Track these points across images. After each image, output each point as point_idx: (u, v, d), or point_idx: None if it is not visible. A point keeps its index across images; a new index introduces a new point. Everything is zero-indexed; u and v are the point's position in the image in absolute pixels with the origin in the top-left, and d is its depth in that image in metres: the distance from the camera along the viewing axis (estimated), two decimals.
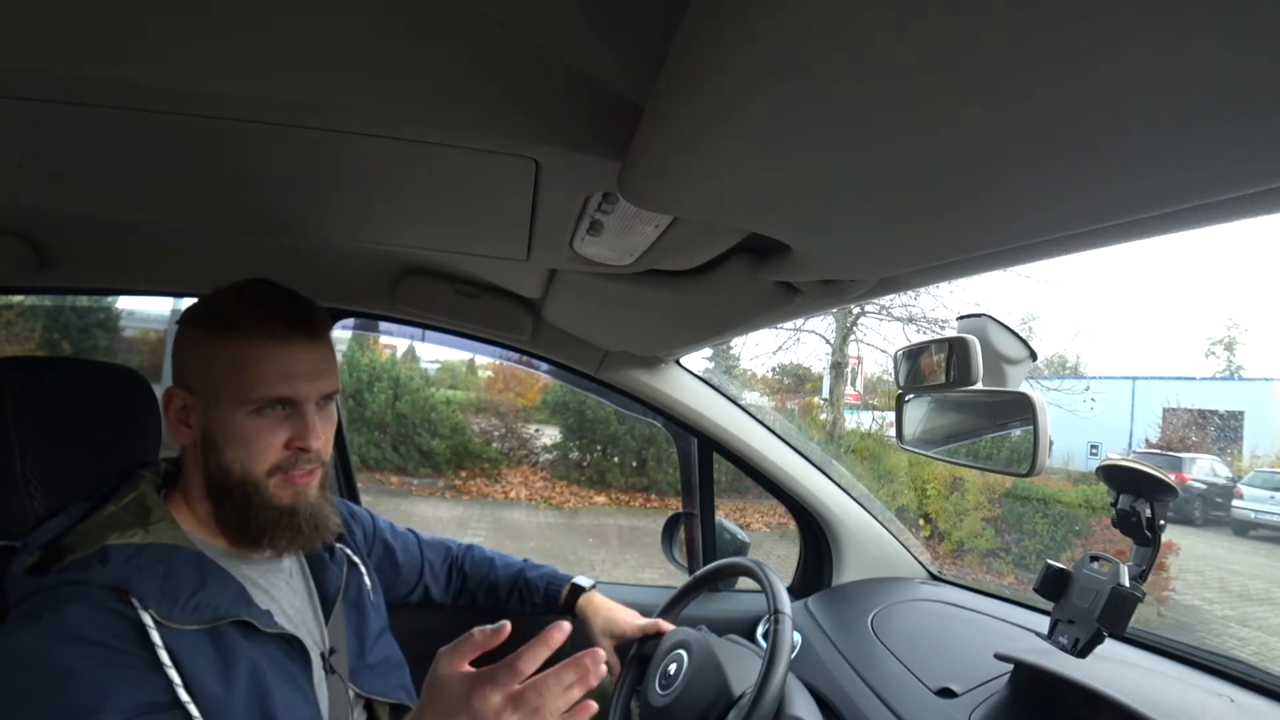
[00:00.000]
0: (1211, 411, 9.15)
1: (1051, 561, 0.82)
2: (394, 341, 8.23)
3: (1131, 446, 9.28)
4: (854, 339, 7.70)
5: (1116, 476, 0.76)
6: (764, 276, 0.63)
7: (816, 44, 0.24)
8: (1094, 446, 8.25)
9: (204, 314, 0.69)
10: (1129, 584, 0.72)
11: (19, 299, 5.51)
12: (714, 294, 0.70)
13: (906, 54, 0.23)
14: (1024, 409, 0.75)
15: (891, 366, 0.95)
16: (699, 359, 5.80)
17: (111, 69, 0.39)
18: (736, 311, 0.77)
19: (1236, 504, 6.99)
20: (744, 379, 8.56)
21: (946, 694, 0.89)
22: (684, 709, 0.87)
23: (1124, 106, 0.25)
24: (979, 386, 0.76)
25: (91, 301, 6.21)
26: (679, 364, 1.29)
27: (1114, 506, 0.77)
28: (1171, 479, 0.73)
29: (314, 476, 0.72)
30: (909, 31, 0.22)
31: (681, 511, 1.49)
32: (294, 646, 0.69)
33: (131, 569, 0.61)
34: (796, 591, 1.40)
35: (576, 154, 0.45)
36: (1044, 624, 0.81)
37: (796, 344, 7.97)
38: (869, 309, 7.39)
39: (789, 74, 0.26)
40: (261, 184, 0.62)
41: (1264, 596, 5.32)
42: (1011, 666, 0.87)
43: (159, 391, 0.81)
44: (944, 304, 7.23)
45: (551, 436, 7.65)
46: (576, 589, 1.10)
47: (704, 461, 1.41)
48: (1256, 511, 6.77)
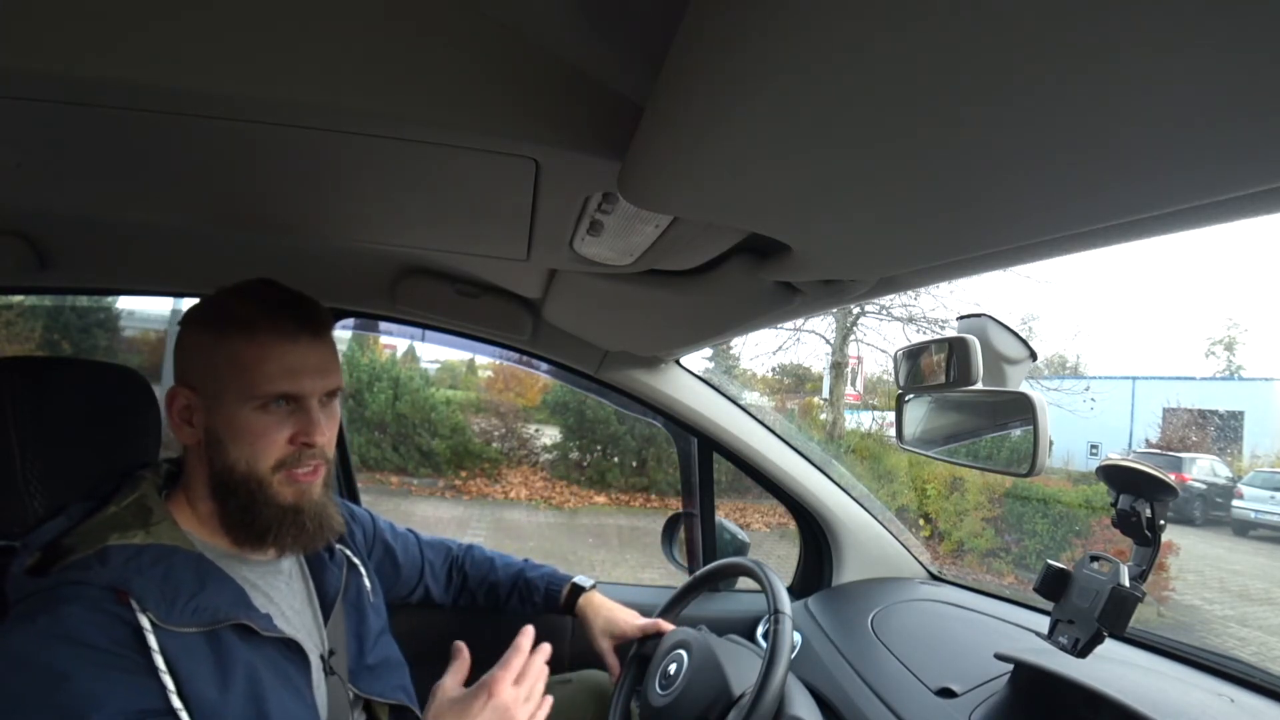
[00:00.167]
0: (1211, 411, 9.15)
1: (1051, 561, 0.82)
2: (394, 341, 8.23)
3: (1131, 446, 9.29)
4: (854, 339, 7.70)
5: (1116, 476, 0.76)
6: (764, 276, 0.63)
7: (816, 44, 0.24)
8: (1094, 446, 8.25)
9: (208, 313, 0.70)
10: (1129, 584, 0.72)
11: (19, 299, 5.50)
12: (714, 294, 0.70)
13: (906, 54, 0.23)
14: (1024, 409, 0.75)
15: (891, 366, 0.95)
16: (699, 359, 5.80)
17: (111, 69, 0.39)
18: (736, 311, 0.77)
19: (1236, 504, 6.99)
20: (744, 379, 8.56)
21: (946, 694, 0.89)
22: (684, 709, 0.87)
23: (1124, 106, 0.25)
24: (979, 386, 0.76)
25: (91, 301, 6.21)
26: (679, 364, 1.29)
27: (1114, 506, 0.77)
28: (1171, 479, 0.73)
29: (318, 474, 0.72)
30: (908, 31, 0.22)
31: (681, 511, 1.49)
32: (293, 650, 0.69)
33: (131, 570, 0.61)
34: (796, 591, 1.40)
35: (576, 154, 0.45)
36: (1044, 624, 0.81)
37: (796, 344, 7.98)
38: (869, 309, 7.39)
39: (789, 74, 0.26)
40: (262, 184, 0.62)
41: (1264, 596, 5.32)
42: (1011, 666, 0.87)
43: (159, 391, 0.81)
44: (944, 304, 7.25)
45: (551, 436, 7.65)
46: (576, 589, 1.10)
47: (704, 461, 1.41)
48: (1256, 511, 6.77)
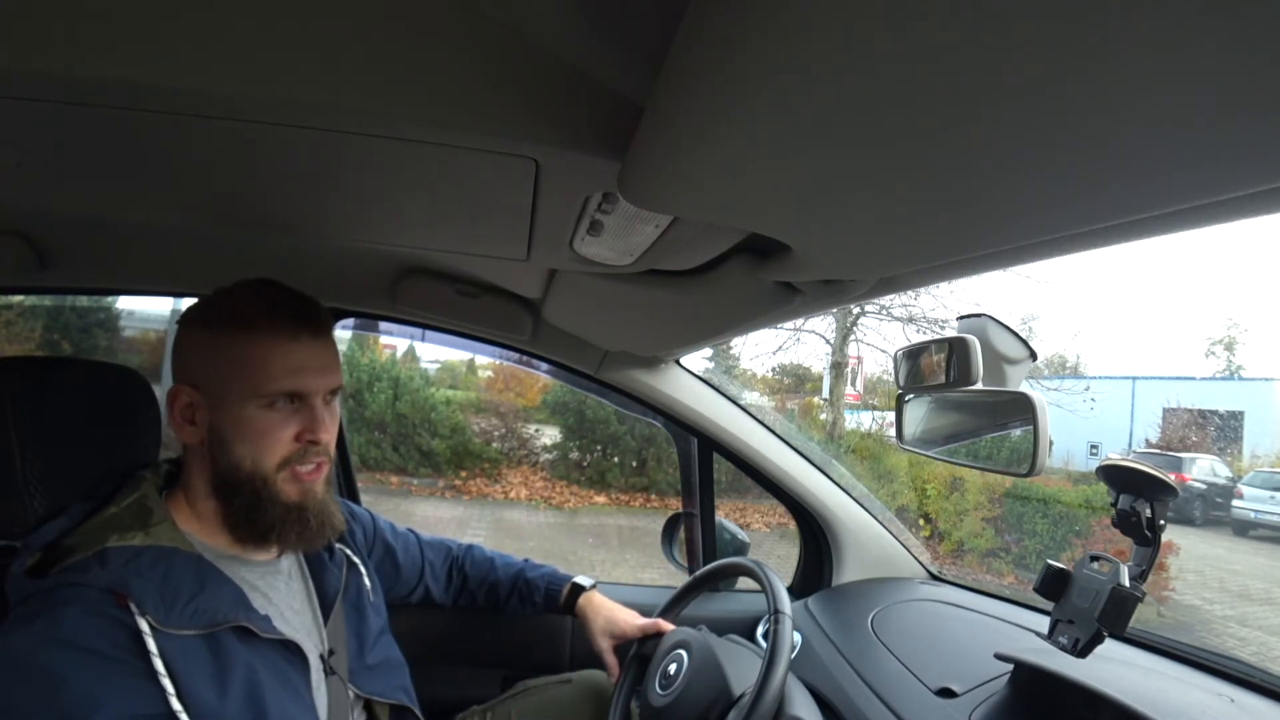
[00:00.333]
0: (1211, 411, 9.15)
1: (1051, 561, 0.82)
2: (394, 341, 8.23)
3: (1131, 446, 9.28)
4: (854, 339, 7.70)
5: (1116, 476, 0.76)
6: (764, 276, 0.63)
7: (816, 44, 0.24)
8: (1094, 446, 8.25)
9: (210, 312, 0.70)
10: (1129, 584, 0.72)
11: (19, 299, 5.50)
12: (714, 294, 0.70)
13: (906, 54, 0.23)
14: (1024, 409, 0.75)
15: (891, 366, 0.95)
16: (699, 359, 5.80)
17: (111, 69, 0.39)
18: (736, 311, 0.77)
19: (1236, 504, 6.98)
20: (744, 379, 8.55)
21: (946, 694, 0.89)
22: (684, 709, 0.87)
23: (1124, 106, 0.25)
24: (979, 386, 0.76)
25: (91, 301, 6.21)
26: (679, 364, 1.29)
27: (1114, 506, 0.77)
28: (1171, 479, 0.73)
29: (321, 472, 0.73)
30: (908, 32, 0.22)
31: (681, 511, 1.49)
32: (292, 652, 0.69)
33: (130, 572, 0.60)
34: (796, 591, 1.40)
35: (576, 154, 0.45)
36: (1044, 624, 0.81)
37: (796, 344, 7.98)
38: (869, 309, 7.38)
39: (789, 74, 0.26)
40: (262, 184, 0.62)
41: (1264, 596, 5.32)
42: (1011, 666, 0.87)
43: (159, 391, 0.81)
44: (944, 304, 7.24)
45: (551, 436, 7.64)
46: (577, 589, 1.10)
47: (704, 461, 1.41)
48: (1256, 511, 6.77)
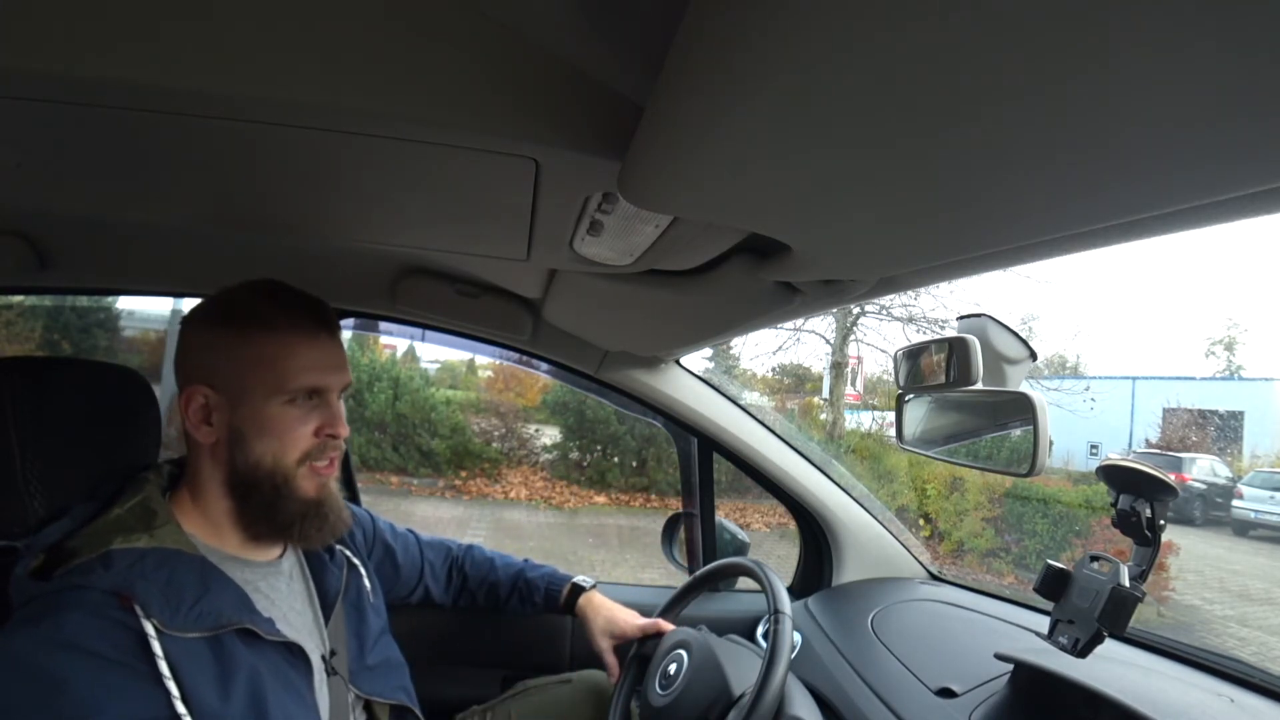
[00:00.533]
0: (1211, 411, 9.15)
1: (1051, 561, 0.81)
2: (394, 341, 8.22)
3: (1131, 446, 9.28)
4: (854, 339, 7.70)
5: (1116, 476, 0.76)
6: (764, 276, 0.63)
7: (816, 44, 0.24)
8: (1094, 446, 8.25)
9: (224, 312, 0.70)
10: (1129, 584, 0.72)
11: (19, 299, 5.50)
12: (714, 294, 0.70)
13: (906, 54, 0.23)
14: (1024, 409, 0.75)
15: (891, 366, 0.95)
16: (699, 359, 5.80)
17: (111, 69, 0.39)
18: (736, 311, 0.77)
19: (1236, 504, 6.98)
20: (744, 379, 8.55)
21: (946, 694, 0.89)
22: (684, 709, 0.87)
23: (1124, 106, 0.25)
24: (979, 386, 0.76)
25: (91, 301, 6.21)
26: (679, 364, 1.29)
27: (1114, 506, 0.77)
28: (1171, 479, 0.73)
29: (334, 467, 0.75)
30: (909, 32, 0.22)
31: (681, 511, 1.49)
32: (295, 653, 0.69)
33: (135, 575, 0.60)
34: (796, 591, 1.40)
35: (576, 154, 0.45)
36: (1044, 624, 0.81)
37: (796, 344, 7.98)
38: (869, 309, 7.38)
39: (789, 74, 0.26)
40: (262, 184, 0.62)
41: (1264, 596, 5.32)
42: (1011, 666, 0.87)
43: (159, 391, 0.81)
44: (944, 304, 7.24)
45: (551, 436, 7.64)
46: (576, 589, 1.10)
47: (704, 461, 1.41)
48: (1256, 511, 6.77)
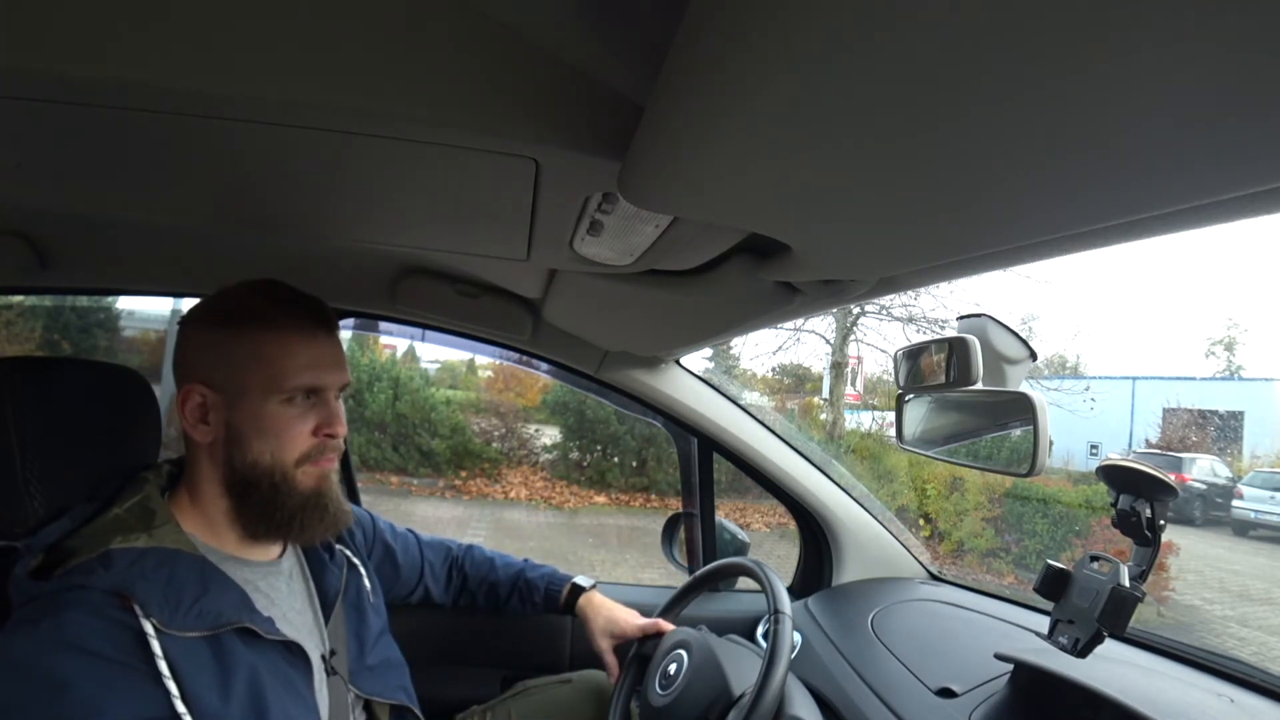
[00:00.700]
0: (1211, 411, 9.16)
1: (1051, 561, 0.81)
2: (394, 341, 8.22)
3: (1131, 446, 9.29)
4: (854, 339, 7.70)
5: (1116, 476, 0.76)
6: (764, 276, 0.63)
7: (816, 44, 0.24)
8: (1094, 446, 8.25)
9: (222, 311, 0.70)
10: (1129, 584, 0.72)
11: (19, 299, 5.50)
12: (714, 294, 0.70)
13: (906, 54, 0.23)
14: (1024, 409, 0.75)
15: (891, 366, 0.95)
16: (699, 359, 5.79)
17: (111, 69, 0.39)
18: (736, 311, 0.77)
19: (1236, 504, 6.99)
20: (744, 379, 8.55)
21: (946, 694, 0.89)
22: (684, 709, 0.87)
23: (1123, 106, 0.24)
24: (979, 386, 0.76)
25: (91, 301, 6.21)
26: (679, 364, 1.29)
27: (1114, 506, 0.76)
28: (1171, 479, 0.73)
29: (334, 462, 0.75)
30: (908, 32, 0.22)
31: (681, 511, 1.49)
32: (294, 653, 0.69)
33: (134, 574, 0.60)
34: (796, 591, 1.40)
35: (576, 154, 0.45)
36: (1044, 624, 0.81)
37: (796, 344, 7.98)
38: (869, 309, 7.38)
39: (789, 74, 0.26)
40: (262, 184, 0.62)
41: (1264, 596, 5.32)
42: (1011, 666, 0.87)
43: (159, 391, 0.81)
44: (944, 304, 7.25)
45: (551, 436, 7.64)
46: (576, 589, 1.10)
47: (704, 461, 1.41)
48: (1256, 511, 6.77)
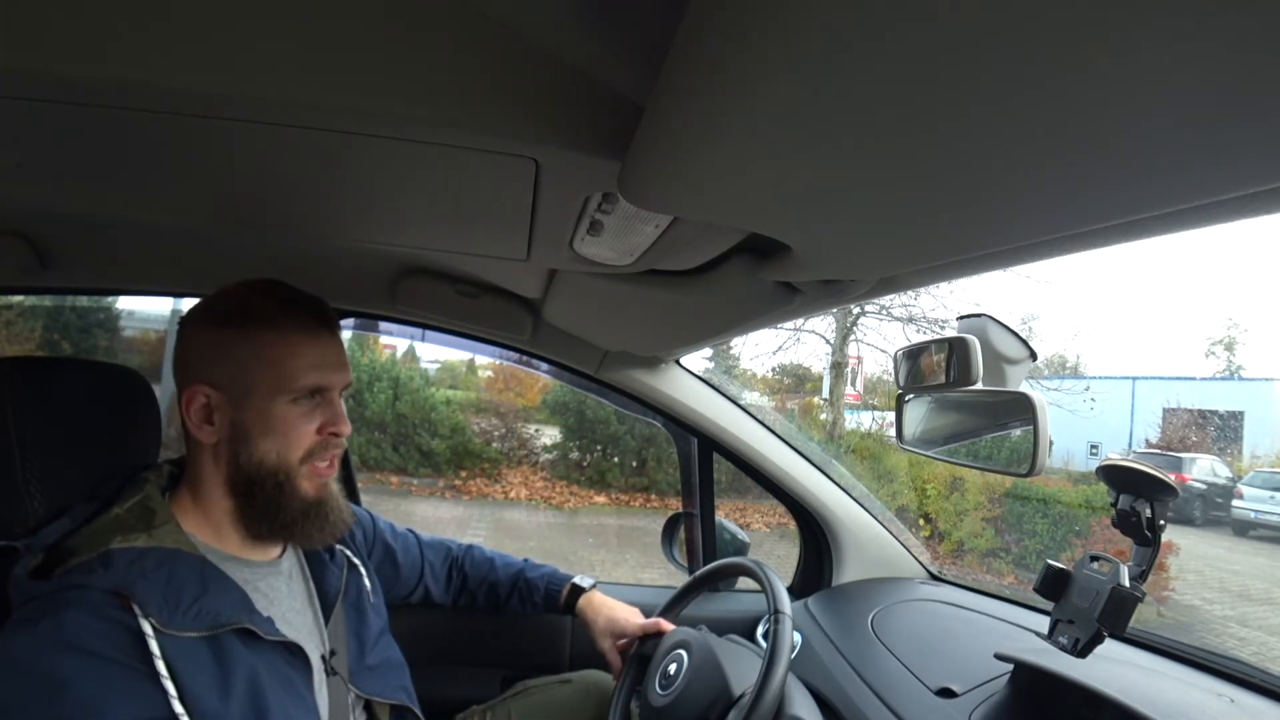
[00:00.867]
0: (1211, 411, 9.16)
1: (1051, 561, 0.81)
2: (394, 341, 8.23)
3: (1131, 446, 9.29)
4: (854, 339, 7.70)
5: (1116, 476, 0.76)
6: (764, 276, 0.63)
7: (815, 44, 0.24)
8: (1094, 446, 8.25)
9: (224, 311, 0.70)
10: (1129, 584, 0.72)
11: (19, 299, 5.50)
12: (714, 294, 0.70)
13: (906, 54, 0.23)
14: (1024, 409, 0.75)
15: (891, 366, 0.95)
16: (699, 359, 5.79)
17: (111, 69, 0.39)
18: (736, 311, 0.77)
19: (1236, 504, 6.99)
20: (744, 379, 8.55)
21: (946, 694, 0.89)
22: (684, 709, 0.87)
23: (1123, 107, 0.24)
24: (979, 386, 0.76)
25: (91, 301, 6.21)
26: (679, 364, 1.29)
27: (1114, 506, 0.76)
28: (1171, 479, 0.73)
29: (334, 468, 0.75)
30: (908, 32, 0.22)
31: (681, 511, 1.49)
32: (294, 653, 0.69)
33: (134, 574, 0.60)
34: (796, 591, 1.40)
35: (576, 154, 0.45)
36: (1044, 624, 0.81)
37: (796, 344, 7.98)
38: (869, 309, 7.39)
39: (789, 74, 0.26)
40: (262, 184, 0.62)
41: (1264, 596, 5.32)
42: (1011, 666, 0.87)
43: (159, 391, 0.81)
44: (944, 304, 7.25)
45: (551, 436, 7.65)
46: (577, 589, 1.11)
47: (704, 461, 1.41)
48: (1256, 511, 6.77)
